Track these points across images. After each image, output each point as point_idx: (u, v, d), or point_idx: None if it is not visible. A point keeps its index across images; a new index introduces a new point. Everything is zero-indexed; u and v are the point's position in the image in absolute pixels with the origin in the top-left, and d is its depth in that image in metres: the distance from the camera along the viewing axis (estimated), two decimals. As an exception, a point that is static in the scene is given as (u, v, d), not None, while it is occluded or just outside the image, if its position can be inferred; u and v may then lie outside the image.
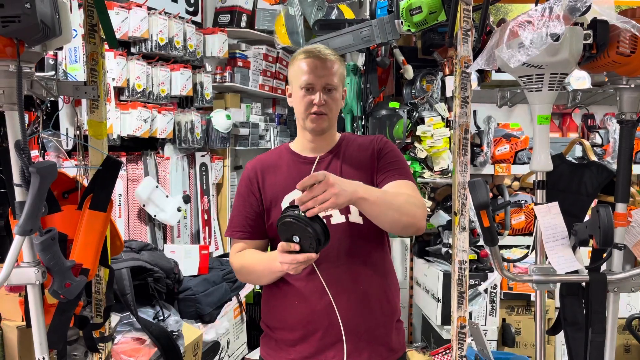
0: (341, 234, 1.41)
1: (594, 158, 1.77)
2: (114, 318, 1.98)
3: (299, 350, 1.43)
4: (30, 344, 1.32)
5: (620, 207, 1.49)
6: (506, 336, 2.90)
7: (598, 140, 3.18)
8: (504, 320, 2.95)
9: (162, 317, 2.14)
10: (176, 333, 2.14)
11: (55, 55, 2.35)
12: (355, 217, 1.42)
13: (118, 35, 2.71)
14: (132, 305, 2.02)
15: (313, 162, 1.48)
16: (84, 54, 2.29)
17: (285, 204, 1.44)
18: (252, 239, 1.50)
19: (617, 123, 1.51)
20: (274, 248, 1.50)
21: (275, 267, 1.34)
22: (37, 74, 1.97)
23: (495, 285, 2.83)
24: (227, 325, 2.75)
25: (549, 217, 1.46)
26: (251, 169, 1.53)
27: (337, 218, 1.42)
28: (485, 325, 2.84)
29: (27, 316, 1.37)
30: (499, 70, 1.47)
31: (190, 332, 2.33)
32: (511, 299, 2.95)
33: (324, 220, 1.38)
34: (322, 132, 1.47)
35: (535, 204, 1.50)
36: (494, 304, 2.84)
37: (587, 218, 1.61)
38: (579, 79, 2.80)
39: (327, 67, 1.43)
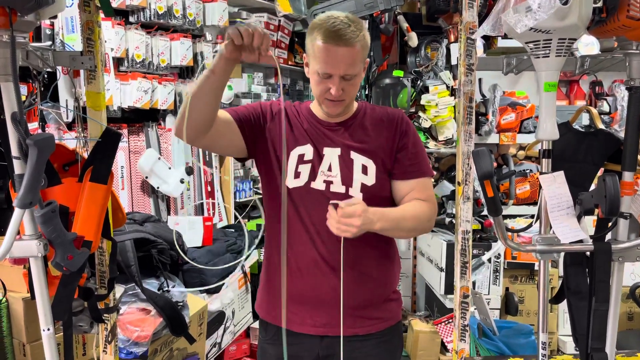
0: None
1: (601, 126, 1.73)
2: (119, 289, 1.99)
3: (289, 309, 1.44)
4: (36, 315, 1.33)
5: (627, 176, 1.47)
6: (509, 305, 2.91)
7: (606, 107, 3.13)
8: (507, 289, 2.97)
9: (166, 288, 2.15)
10: (181, 304, 2.16)
11: (52, 25, 2.30)
12: (355, 192, 1.41)
13: (115, 4, 2.65)
14: (136, 276, 2.03)
15: (329, 127, 1.46)
16: (80, 24, 2.25)
17: (295, 154, 1.43)
18: (237, 123, 1.42)
19: (626, 90, 1.47)
20: (266, 189, 1.51)
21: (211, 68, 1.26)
22: (34, 44, 1.94)
23: (499, 254, 2.83)
24: (232, 296, 2.78)
25: (554, 186, 1.44)
26: (277, 102, 1.50)
27: (337, 187, 1.41)
28: (489, 294, 2.86)
29: (31, 288, 1.37)
30: (505, 37, 1.43)
31: (196, 303, 2.36)
32: (515, 268, 2.96)
33: (324, 185, 1.40)
34: (337, 116, 1.46)
35: (541, 173, 1.48)
36: (497, 273, 2.85)
37: (593, 187, 1.59)
38: (588, 45, 2.73)
39: (348, 54, 1.32)
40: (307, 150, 1.44)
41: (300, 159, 1.43)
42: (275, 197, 1.45)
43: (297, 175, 1.43)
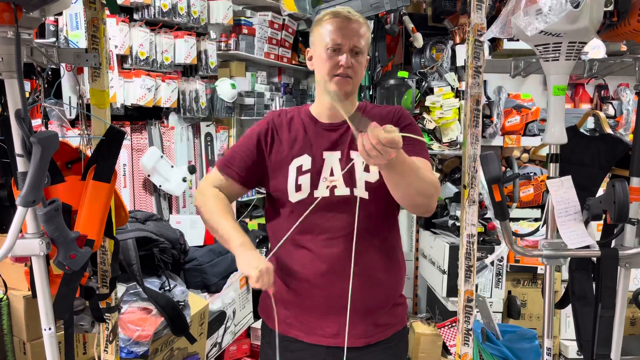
0: (344, 207, 1.38)
1: (608, 130, 1.72)
2: (120, 288, 1.98)
3: (295, 316, 1.44)
4: (37, 313, 1.32)
5: (636, 181, 1.46)
6: (511, 308, 2.90)
7: (611, 111, 3.11)
8: (509, 292, 2.96)
9: (168, 288, 2.14)
10: (182, 303, 2.15)
11: (56, 21, 2.29)
12: (360, 191, 1.39)
13: (120, 1, 2.64)
14: (138, 275, 2.02)
15: (330, 128, 1.44)
16: (85, 20, 2.24)
17: (293, 167, 1.41)
18: (241, 183, 1.46)
19: (636, 94, 1.46)
20: (272, 205, 1.49)
21: (230, 245, 1.37)
22: (38, 40, 1.92)
23: (502, 257, 2.82)
24: (233, 295, 2.77)
25: (562, 191, 1.42)
26: (270, 118, 1.49)
27: (342, 190, 1.39)
28: (491, 297, 2.84)
29: (32, 287, 1.36)
30: (511, 39, 1.42)
31: (197, 302, 2.35)
32: (517, 272, 2.94)
33: (328, 191, 1.38)
34: (346, 97, 1.41)
35: (548, 177, 1.47)
36: (500, 277, 2.84)
37: (599, 192, 1.57)
38: (594, 48, 2.72)
39: (356, 28, 1.37)
40: (305, 161, 1.41)
41: (299, 171, 1.41)
42: (281, 210, 1.44)
43: (298, 188, 1.40)
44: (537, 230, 1.56)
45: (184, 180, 2.98)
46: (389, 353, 1.45)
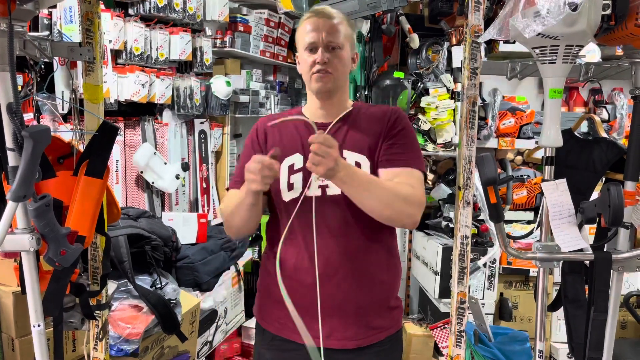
0: (336, 207, 1.37)
1: (603, 134, 1.73)
2: (111, 285, 1.96)
3: (289, 316, 1.40)
4: (26, 310, 1.30)
5: (630, 185, 1.46)
6: (503, 310, 2.91)
7: (605, 115, 3.12)
8: (501, 294, 2.96)
9: (159, 285, 2.12)
10: (174, 301, 2.13)
11: (50, 14, 2.26)
12: None
13: (115, -5, 2.62)
14: (129, 272, 2.00)
15: (323, 126, 1.42)
16: (79, 14, 2.21)
17: (285, 166, 1.41)
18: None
19: (632, 99, 1.47)
20: (270, 205, 1.49)
21: (243, 191, 1.33)
22: (31, 33, 1.90)
23: (495, 259, 2.82)
24: (225, 294, 2.76)
25: (557, 194, 1.42)
26: (260, 124, 1.50)
27: (333, 189, 1.38)
28: (483, 299, 2.85)
29: (22, 283, 1.35)
30: (507, 41, 1.42)
31: (188, 301, 2.33)
32: (510, 274, 2.95)
33: (320, 190, 1.38)
34: (328, 93, 1.41)
35: (543, 180, 1.47)
36: (492, 278, 2.85)
37: (594, 195, 1.58)
38: (589, 52, 2.73)
39: (330, 25, 1.37)
40: (297, 160, 1.41)
41: (291, 170, 1.40)
42: (277, 209, 1.44)
43: (290, 187, 1.39)
44: (531, 232, 1.56)
45: (177, 177, 2.95)
46: (382, 357, 1.44)
